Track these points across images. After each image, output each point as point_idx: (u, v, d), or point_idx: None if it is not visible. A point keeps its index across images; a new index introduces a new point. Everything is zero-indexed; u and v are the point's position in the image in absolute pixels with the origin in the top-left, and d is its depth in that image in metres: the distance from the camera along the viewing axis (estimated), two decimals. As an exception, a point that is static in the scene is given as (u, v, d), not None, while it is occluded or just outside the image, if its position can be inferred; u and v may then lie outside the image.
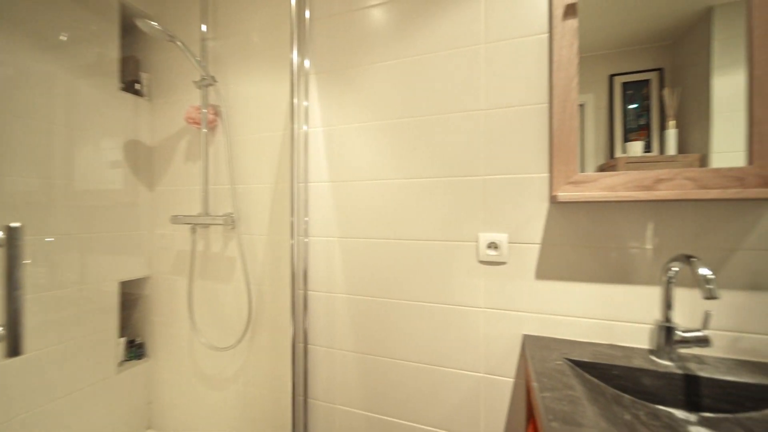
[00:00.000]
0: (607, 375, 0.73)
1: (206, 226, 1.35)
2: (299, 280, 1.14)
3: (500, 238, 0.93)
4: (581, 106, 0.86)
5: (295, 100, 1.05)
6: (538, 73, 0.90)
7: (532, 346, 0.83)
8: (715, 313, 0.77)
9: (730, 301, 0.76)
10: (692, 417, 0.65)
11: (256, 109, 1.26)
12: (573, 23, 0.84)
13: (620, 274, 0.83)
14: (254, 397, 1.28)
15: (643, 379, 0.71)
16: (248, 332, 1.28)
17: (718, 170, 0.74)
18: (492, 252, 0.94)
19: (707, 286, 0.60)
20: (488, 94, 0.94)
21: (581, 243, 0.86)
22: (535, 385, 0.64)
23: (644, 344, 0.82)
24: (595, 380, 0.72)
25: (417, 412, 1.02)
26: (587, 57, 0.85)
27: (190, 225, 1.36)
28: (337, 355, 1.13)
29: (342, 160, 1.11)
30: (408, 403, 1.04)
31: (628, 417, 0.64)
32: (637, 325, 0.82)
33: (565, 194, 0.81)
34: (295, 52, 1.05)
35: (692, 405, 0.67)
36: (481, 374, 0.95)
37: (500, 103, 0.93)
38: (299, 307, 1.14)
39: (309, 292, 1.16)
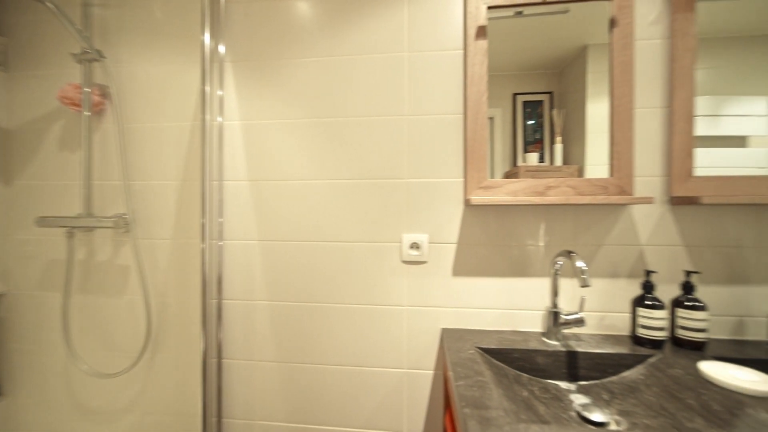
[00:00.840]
0: (509, 358, 0.82)
1: (89, 229, 1.12)
2: (212, 288, 1.03)
3: (422, 238, 0.98)
4: (491, 119, 0.96)
5: (207, 88, 0.95)
6: (455, 85, 0.97)
7: (449, 338, 0.89)
8: (588, 298, 0.93)
9: (598, 287, 0.93)
10: (572, 386, 0.78)
11: (157, 95, 1.10)
12: (483, 44, 0.93)
13: (520, 268, 0.95)
14: (156, 427, 1.11)
15: (537, 358, 0.82)
16: (147, 352, 1.11)
17: (590, 180, 0.90)
18: (414, 252, 0.98)
19: (582, 276, 0.72)
20: (411, 101, 0.99)
21: (490, 242, 0.96)
22: (451, 374, 0.69)
23: (538, 328, 0.95)
24: (501, 364, 0.81)
25: (342, 416, 1.01)
26: (497, 76, 0.95)
27: (66, 228, 1.11)
28: (256, 368, 1.05)
29: (262, 157, 1.04)
30: (333, 408, 1.02)
31: (525, 393, 0.73)
32: (533, 312, 0.95)
33: (477, 198, 0.89)
34: (207, 34, 0.94)
35: (572, 376, 0.80)
36: (404, 370, 0.99)
37: (422, 110, 0.98)
38: (212, 318, 1.03)
39: (224, 301, 1.05)
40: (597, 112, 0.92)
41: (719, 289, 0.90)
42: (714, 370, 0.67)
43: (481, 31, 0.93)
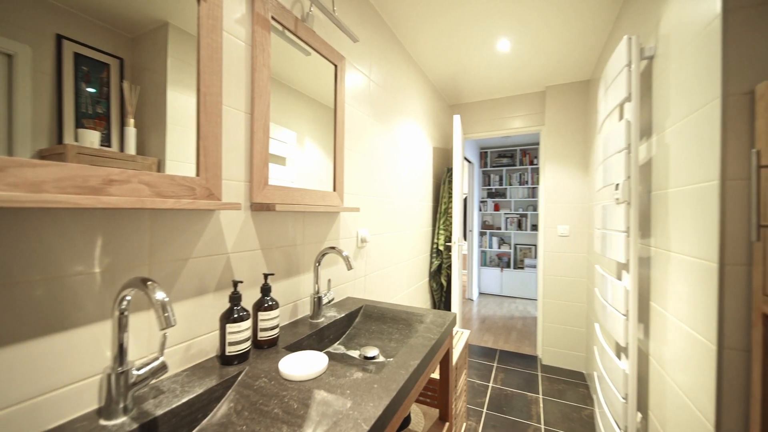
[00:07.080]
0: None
1: None
2: None
3: None
4: (10, 56, 0.49)
5: None
6: None
7: None
8: (170, 332, 0.73)
9: (184, 310, 0.75)
10: (149, 473, 0.54)
11: None
12: None
13: (53, 319, 0.55)
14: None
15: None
16: None
17: (173, 177, 0.70)
18: None
19: (164, 315, 0.51)
20: None
21: (-32, 282, 0.47)
22: None
23: (95, 404, 0.60)
24: None
25: None
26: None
27: None
28: None
29: None
30: None
31: None
32: (81, 383, 0.58)
33: None
34: None
35: (150, 453, 0.57)
36: None
37: None
38: None
39: None
40: (182, 102, 0.75)
41: (283, 282, 1.05)
42: (287, 366, 0.73)
43: None
